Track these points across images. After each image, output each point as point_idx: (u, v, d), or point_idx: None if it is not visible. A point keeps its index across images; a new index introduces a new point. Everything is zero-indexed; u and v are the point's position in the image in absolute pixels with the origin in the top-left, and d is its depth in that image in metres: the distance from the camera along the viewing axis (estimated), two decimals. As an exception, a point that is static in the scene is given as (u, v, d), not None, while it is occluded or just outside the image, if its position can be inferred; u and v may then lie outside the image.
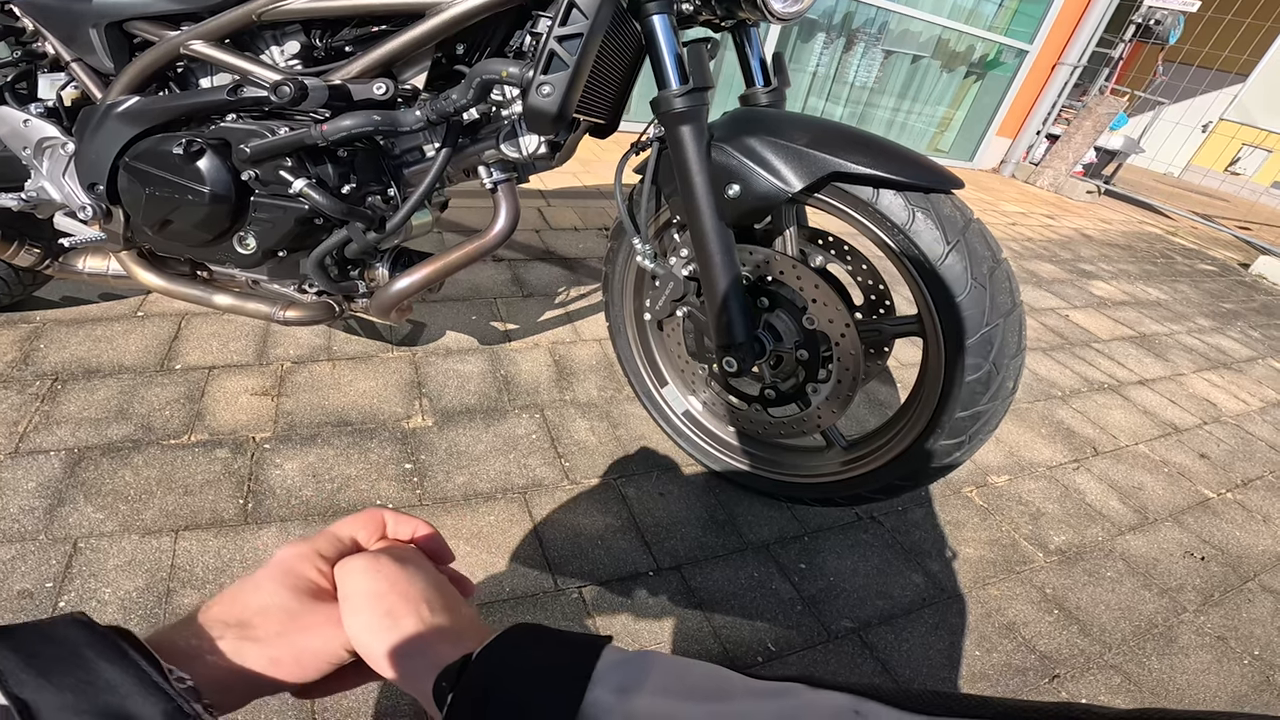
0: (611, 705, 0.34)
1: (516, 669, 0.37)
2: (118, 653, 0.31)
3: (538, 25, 1.01)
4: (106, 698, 0.29)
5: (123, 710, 0.29)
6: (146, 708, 0.30)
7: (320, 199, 1.04)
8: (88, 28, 1.15)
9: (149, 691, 0.30)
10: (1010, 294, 0.99)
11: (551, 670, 0.37)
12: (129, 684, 0.30)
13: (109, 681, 0.30)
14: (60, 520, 1.08)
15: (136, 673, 0.31)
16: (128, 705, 0.29)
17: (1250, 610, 1.44)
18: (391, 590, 0.42)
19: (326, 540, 0.47)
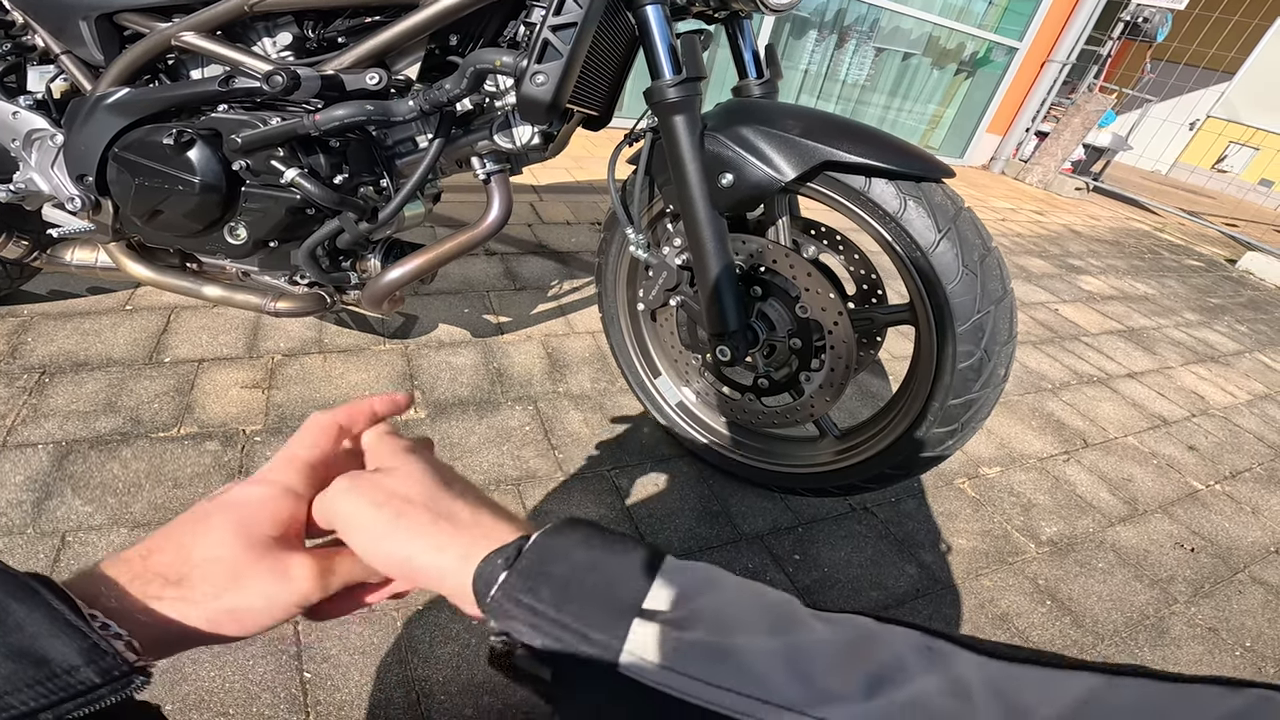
0: (677, 605, 0.33)
1: (576, 562, 0.35)
2: (28, 592, 0.30)
3: (531, 15, 1.01)
4: (14, 637, 0.28)
5: (33, 649, 0.28)
6: (59, 646, 0.29)
7: (312, 189, 1.04)
8: (78, 20, 1.14)
9: (62, 630, 0.29)
10: (1001, 281, 1.00)
11: (611, 567, 0.35)
12: (41, 623, 0.29)
13: (18, 621, 0.29)
14: (48, 514, 1.07)
15: (48, 611, 0.29)
16: (38, 645, 0.28)
17: (1241, 602, 1.45)
18: (390, 498, 0.40)
19: (296, 472, 0.42)
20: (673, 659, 0.31)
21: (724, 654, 0.31)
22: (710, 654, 0.31)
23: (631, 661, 0.31)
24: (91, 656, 0.29)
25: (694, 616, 0.33)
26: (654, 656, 0.31)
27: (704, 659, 0.31)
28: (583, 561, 0.35)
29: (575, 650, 0.33)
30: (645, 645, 0.32)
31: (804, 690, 0.29)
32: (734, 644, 0.31)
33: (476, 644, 1.00)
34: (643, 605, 0.33)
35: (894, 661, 0.30)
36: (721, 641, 0.31)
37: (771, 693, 0.29)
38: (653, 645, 0.32)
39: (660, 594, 0.34)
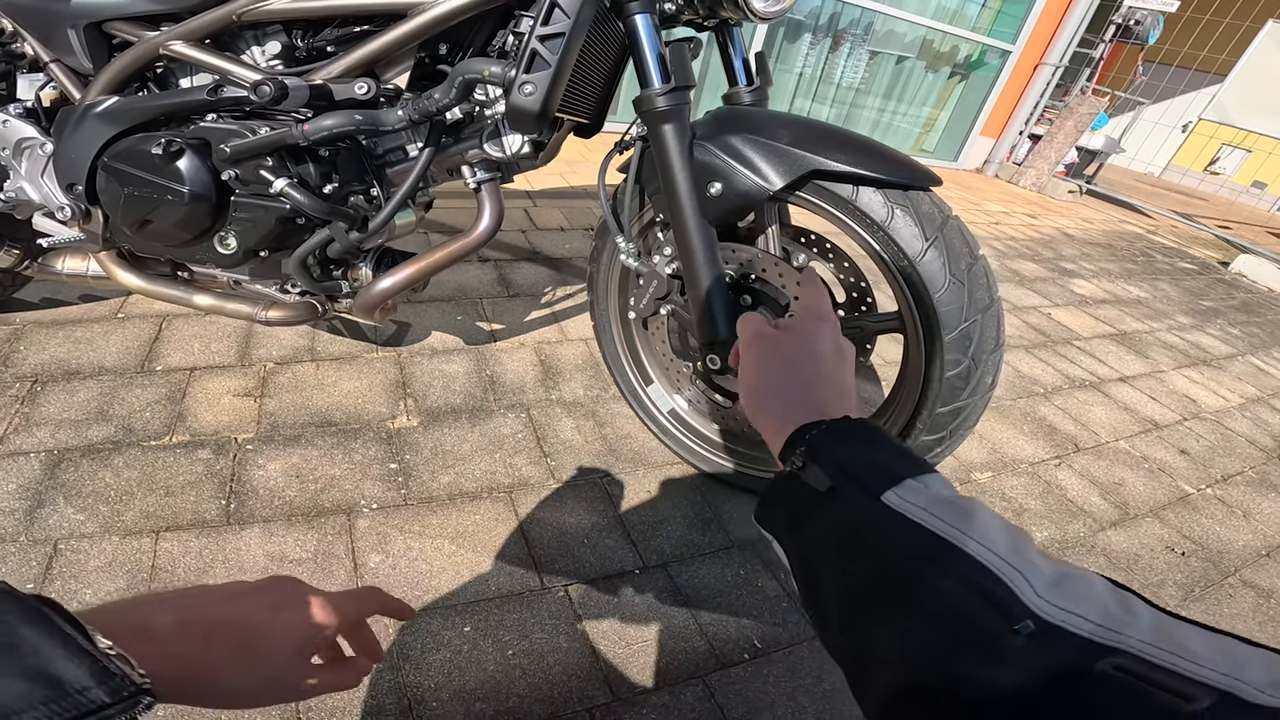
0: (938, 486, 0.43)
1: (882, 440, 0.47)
2: (39, 616, 0.31)
3: (520, 25, 1.01)
4: (31, 660, 0.29)
5: (46, 670, 0.29)
6: (71, 667, 0.30)
7: (301, 199, 1.04)
8: (66, 28, 1.14)
9: (73, 652, 0.31)
10: (988, 289, 1.00)
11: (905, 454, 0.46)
12: (53, 646, 0.30)
13: (32, 644, 0.30)
14: (40, 522, 1.07)
15: (59, 635, 0.31)
16: (52, 666, 0.30)
17: (1231, 605, 1.46)
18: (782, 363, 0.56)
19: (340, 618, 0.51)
20: (927, 504, 0.40)
21: (963, 512, 0.40)
22: (952, 509, 0.40)
23: (893, 498, 0.41)
24: (101, 678, 0.31)
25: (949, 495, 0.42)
26: (914, 499, 0.41)
27: (947, 510, 0.40)
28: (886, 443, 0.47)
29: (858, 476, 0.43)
30: (909, 492, 0.41)
31: (1010, 550, 0.37)
32: (973, 511, 0.40)
33: (469, 651, 1.01)
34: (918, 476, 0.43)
35: (1085, 578, 0.37)
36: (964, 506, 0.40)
37: (990, 542, 0.37)
38: (914, 493, 0.41)
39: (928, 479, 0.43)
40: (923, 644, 0.37)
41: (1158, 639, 0.32)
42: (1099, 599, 0.35)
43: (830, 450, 0.46)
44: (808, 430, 0.48)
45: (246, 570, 1.06)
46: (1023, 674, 0.33)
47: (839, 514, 0.43)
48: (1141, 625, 0.33)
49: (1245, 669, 0.30)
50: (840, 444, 0.47)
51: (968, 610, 0.36)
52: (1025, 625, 0.34)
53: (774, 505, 0.49)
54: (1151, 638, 0.32)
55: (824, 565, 0.44)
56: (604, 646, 1.06)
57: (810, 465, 0.46)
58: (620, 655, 1.05)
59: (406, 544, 1.16)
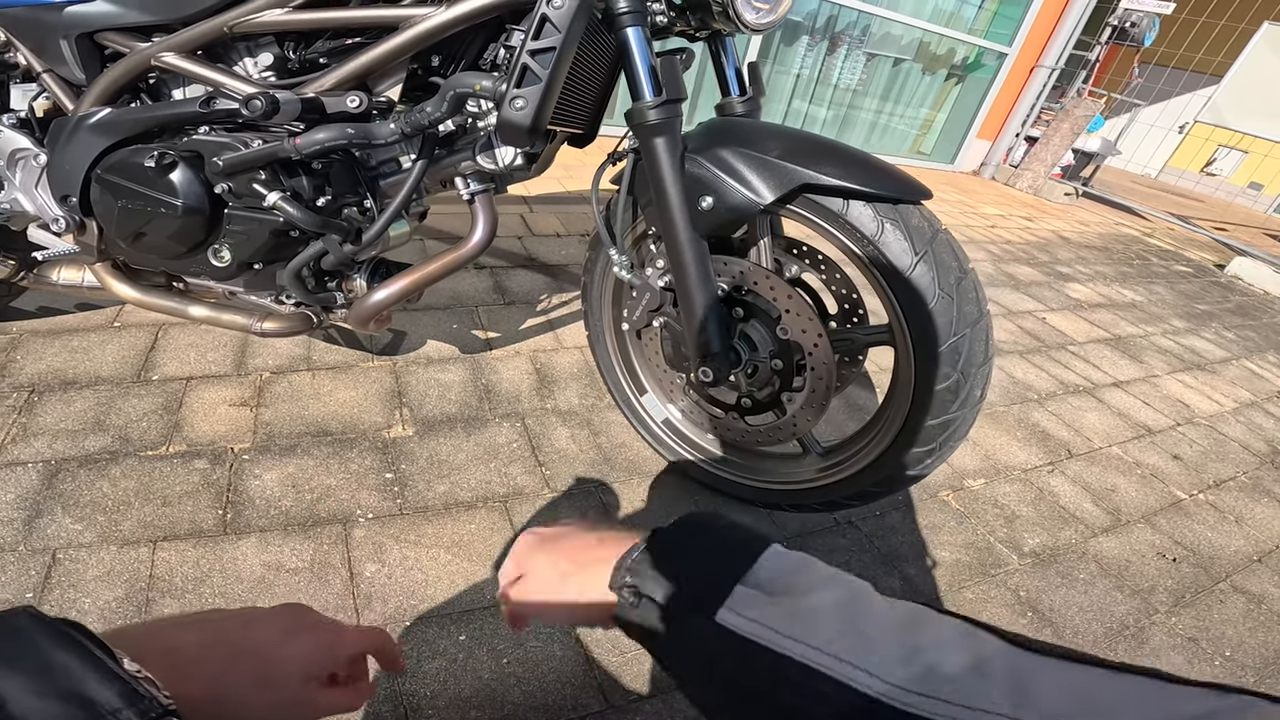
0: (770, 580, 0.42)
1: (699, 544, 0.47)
2: (70, 640, 0.33)
3: (511, 39, 1.02)
4: (65, 682, 0.31)
5: (81, 692, 0.31)
6: (102, 690, 0.32)
7: (295, 212, 1.04)
8: (58, 39, 1.15)
9: (104, 675, 0.32)
10: (977, 303, 1.01)
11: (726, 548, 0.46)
12: (84, 669, 0.32)
13: (65, 667, 0.32)
14: (39, 531, 1.08)
15: (90, 658, 0.33)
16: (85, 689, 0.31)
17: (1222, 611, 1.46)
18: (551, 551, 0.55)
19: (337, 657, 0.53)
20: (759, 615, 0.40)
21: (797, 615, 0.40)
22: (788, 615, 0.40)
23: (727, 615, 0.41)
24: (131, 699, 0.32)
25: (783, 588, 0.42)
26: (746, 612, 0.41)
27: (783, 617, 0.40)
28: (701, 543, 0.47)
29: (685, 603, 0.43)
30: (740, 603, 0.41)
31: (853, 646, 0.37)
32: (808, 610, 0.40)
33: (464, 659, 1.01)
34: (743, 575, 0.43)
35: (934, 641, 0.37)
36: (799, 608, 0.40)
37: (827, 644, 0.38)
38: (745, 604, 0.41)
39: (759, 571, 0.43)
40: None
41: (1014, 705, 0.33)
42: (949, 666, 0.36)
43: (652, 581, 0.46)
44: (623, 562, 0.49)
45: (244, 580, 1.06)
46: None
47: (685, 644, 0.44)
48: (995, 690, 0.34)
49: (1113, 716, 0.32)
50: (662, 567, 0.47)
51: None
52: None
53: (634, 638, 0.49)
54: (1008, 705, 0.33)
55: (685, 686, 0.46)
56: (598, 654, 1.07)
57: (642, 601, 0.46)
58: (614, 663, 1.06)
59: (402, 553, 1.16)
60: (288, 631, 0.50)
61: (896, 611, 0.40)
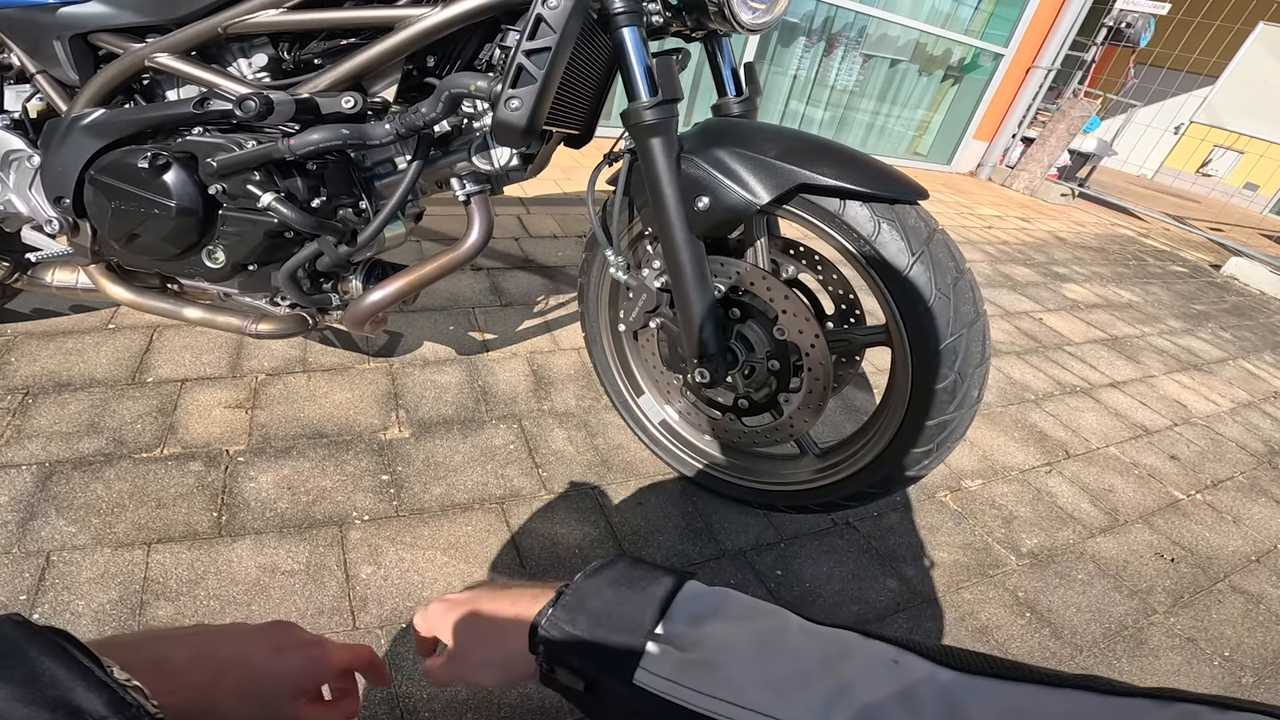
0: (683, 631, 0.42)
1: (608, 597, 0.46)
2: (57, 649, 0.33)
3: (507, 39, 1.02)
4: (52, 690, 0.31)
5: (68, 701, 0.31)
6: (90, 698, 0.32)
7: (289, 213, 1.04)
8: (52, 40, 1.14)
9: (91, 684, 0.32)
10: (973, 304, 1.01)
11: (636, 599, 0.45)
12: (72, 678, 0.32)
13: (52, 675, 0.32)
14: (32, 534, 1.07)
15: (78, 667, 0.33)
16: (73, 697, 0.31)
17: (1220, 611, 1.46)
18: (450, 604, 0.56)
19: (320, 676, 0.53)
20: (673, 673, 0.40)
21: (713, 668, 0.39)
22: (702, 669, 0.39)
23: (643, 675, 0.41)
24: (118, 708, 0.32)
25: (696, 639, 0.41)
26: (660, 671, 0.40)
27: (697, 673, 0.39)
28: (613, 596, 0.46)
29: (601, 666, 0.43)
30: (654, 662, 0.41)
31: (773, 699, 0.37)
32: (722, 661, 0.39)
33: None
34: (655, 630, 0.42)
35: (859, 675, 0.37)
36: (713, 659, 0.39)
37: (748, 700, 0.37)
38: (659, 662, 0.41)
39: (672, 620, 0.43)
40: None
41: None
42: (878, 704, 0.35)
43: (563, 644, 0.46)
44: (537, 623, 0.48)
45: (239, 582, 1.06)
46: None
47: (609, 708, 0.45)
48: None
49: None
50: (573, 626, 0.46)
51: None
52: None
53: (562, 696, 0.49)
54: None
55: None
56: (594, 658, 1.06)
57: (558, 669, 0.46)
58: (610, 667, 1.06)
59: (398, 555, 1.16)
60: (276, 647, 0.50)
61: (818, 644, 0.40)
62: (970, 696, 0.34)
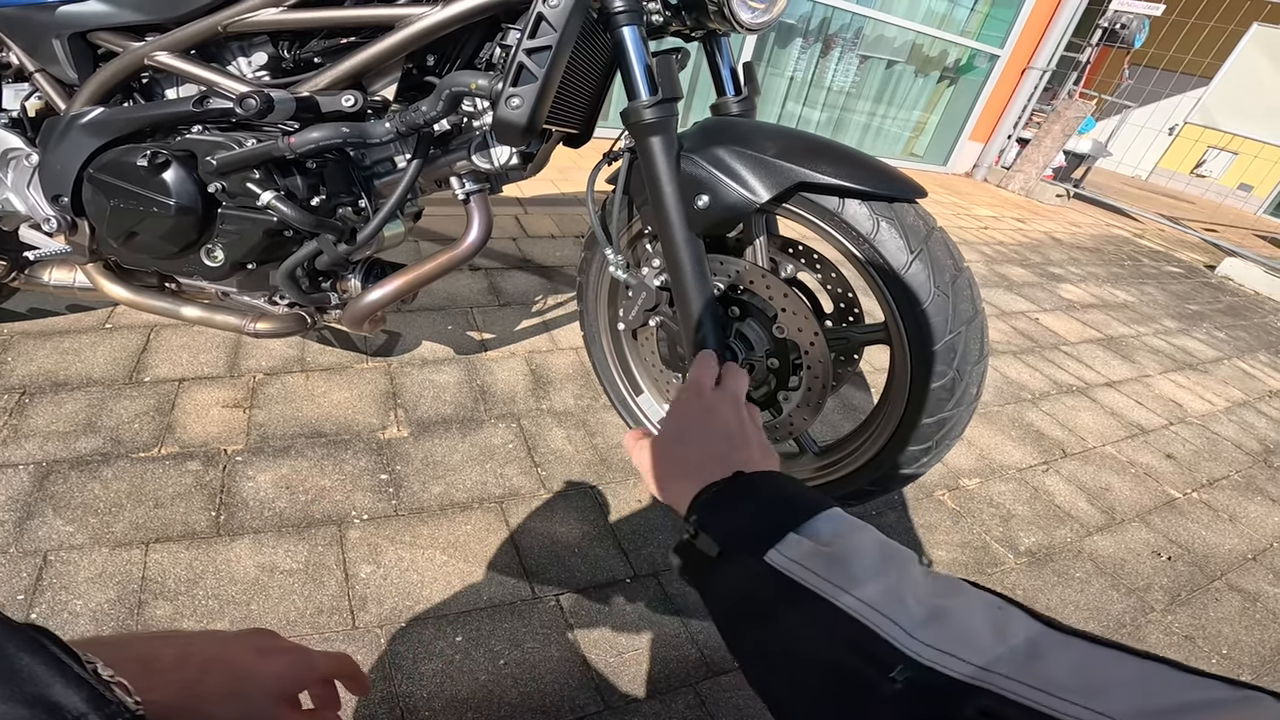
0: (822, 534, 0.46)
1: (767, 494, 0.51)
2: (36, 645, 0.33)
3: (507, 38, 1.02)
4: (30, 687, 0.31)
5: (47, 697, 0.31)
6: (69, 694, 0.31)
7: (289, 211, 1.04)
8: (51, 38, 1.14)
9: (70, 680, 0.32)
10: (972, 302, 1.01)
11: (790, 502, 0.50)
12: (50, 674, 0.32)
13: (31, 672, 0.31)
14: (30, 533, 1.07)
15: (57, 664, 0.32)
16: (51, 693, 0.31)
17: (1217, 609, 1.47)
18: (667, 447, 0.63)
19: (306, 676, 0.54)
20: (802, 558, 0.44)
21: (838, 562, 0.43)
22: (829, 560, 0.43)
23: (773, 555, 0.44)
24: (97, 704, 0.32)
25: (831, 542, 0.45)
26: (791, 554, 0.44)
27: (824, 562, 0.43)
28: (773, 495, 0.51)
29: (746, 538, 0.47)
30: (788, 547, 0.44)
31: (884, 596, 0.40)
32: (849, 560, 0.42)
33: (460, 661, 1.01)
34: (799, 527, 0.46)
35: (964, 606, 0.40)
36: (841, 556, 0.43)
37: (861, 592, 0.40)
38: (792, 548, 0.45)
39: (816, 525, 0.47)
40: (815, 697, 0.41)
41: (1024, 671, 0.34)
42: (973, 631, 0.38)
43: (718, 516, 0.51)
44: (700, 496, 0.53)
45: (237, 581, 1.06)
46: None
47: (731, 576, 0.48)
48: (1011, 655, 0.36)
49: (1110, 695, 0.32)
50: (728, 506, 0.52)
51: (845, 664, 0.39)
52: (901, 671, 0.37)
53: (684, 569, 0.53)
54: (1018, 670, 0.35)
55: (729, 622, 0.49)
56: (595, 655, 1.06)
57: (701, 534, 0.50)
58: (612, 664, 1.06)
59: (398, 554, 1.16)
60: (259, 650, 0.51)
61: (934, 580, 0.43)
62: (1054, 648, 0.36)
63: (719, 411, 0.63)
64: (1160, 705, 0.32)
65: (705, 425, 0.62)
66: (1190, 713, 0.31)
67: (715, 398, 0.64)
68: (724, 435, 0.61)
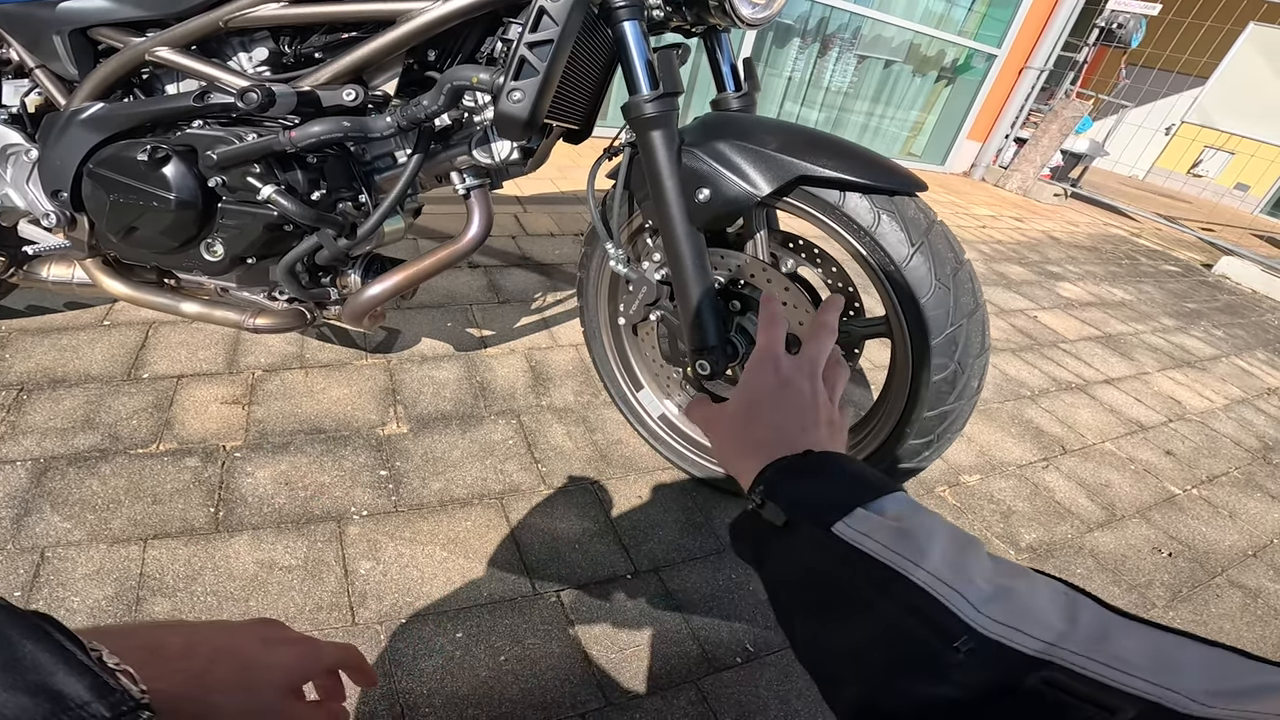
0: (890, 510, 0.45)
1: (836, 472, 0.50)
2: (39, 632, 0.32)
3: (509, 32, 1.02)
4: (33, 675, 0.30)
5: (50, 686, 0.30)
6: (71, 682, 0.31)
7: (289, 205, 1.04)
8: (51, 34, 1.14)
9: (74, 669, 0.32)
10: (973, 294, 1.01)
11: (859, 481, 0.49)
12: (54, 662, 0.32)
13: (34, 660, 0.31)
14: (27, 530, 1.07)
15: (60, 650, 0.32)
16: (53, 681, 0.31)
17: (1219, 605, 1.47)
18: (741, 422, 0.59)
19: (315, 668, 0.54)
20: (870, 530, 0.43)
21: (907, 536, 0.42)
22: (897, 533, 0.42)
23: (841, 527, 0.44)
24: (101, 692, 0.32)
25: (899, 518, 0.44)
26: (859, 527, 0.43)
27: (892, 534, 0.42)
28: (841, 473, 0.50)
29: (810, 510, 0.46)
30: (856, 520, 0.44)
31: (951, 571, 0.39)
32: (917, 535, 0.42)
33: (461, 657, 1.01)
34: (869, 504, 0.45)
35: (1030, 588, 0.39)
36: (910, 530, 0.42)
37: (927, 563, 0.40)
38: (861, 521, 0.44)
39: (883, 504, 0.46)
40: (873, 665, 0.40)
41: (1092, 649, 0.34)
42: (1039, 611, 0.37)
43: (785, 487, 0.50)
44: (767, 469, 0.52)
45: (236, 578, 1.05)
46: (959, 690, 0.36)
47: (794, 546, 0.47)
48: (1079, 634, 0.35)
49: (1180, 675, 0.32)
50: (796, 480, 0.50)
51: (910, 632, 0.39)
52: (965, 642, 0.36)
53: (742, 540, 0.52)
54: (1086, 648, 0.34)
55: (787, 592, 0.48)
56: (596, 651, 1.06)
57: (768, 503, 0.49)
58: (613, 660, 1.06)
59: (397, 550, 1.16)
60: (266, 640, 0.51)
61: (1002, 564, 0.43)
62: (1123, 631, 0.36)
63: (794, 386, 0.60)
64: (1233, 687, 0.31)
65: (777, 403, 0.59)
66: (1265, 694, 0.31)
67: (791, 369, 0.61)
68: (796, 413, 0.58)
